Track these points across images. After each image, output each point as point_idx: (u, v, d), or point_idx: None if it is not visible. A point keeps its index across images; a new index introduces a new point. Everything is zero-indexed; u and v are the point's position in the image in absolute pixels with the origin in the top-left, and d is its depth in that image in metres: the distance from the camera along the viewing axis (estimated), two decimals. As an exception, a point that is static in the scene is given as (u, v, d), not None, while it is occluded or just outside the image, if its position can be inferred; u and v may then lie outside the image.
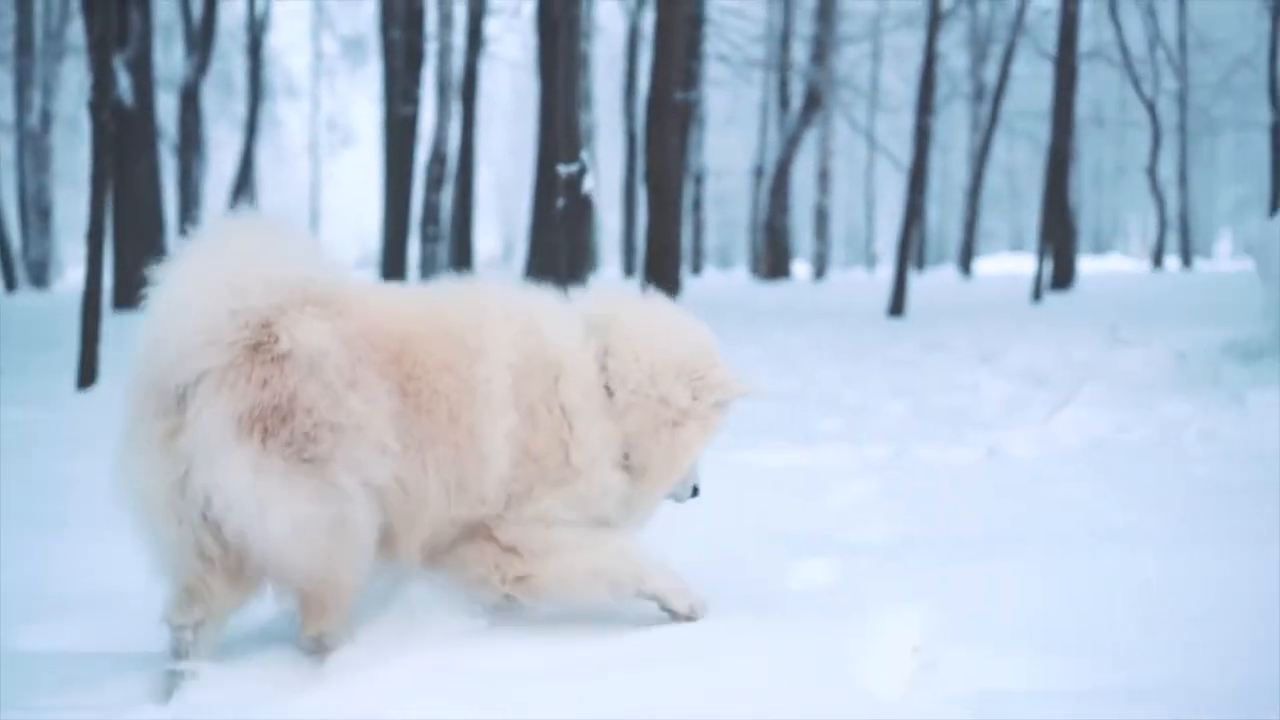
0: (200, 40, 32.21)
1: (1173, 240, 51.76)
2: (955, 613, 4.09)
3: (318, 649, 3.75)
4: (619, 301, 4.23)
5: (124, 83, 20.75)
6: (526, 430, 3.87)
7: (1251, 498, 6.51)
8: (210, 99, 39.98)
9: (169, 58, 33.10)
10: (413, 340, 3.81)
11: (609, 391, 4.01)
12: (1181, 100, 43.66)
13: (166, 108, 33.71)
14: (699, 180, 41.50)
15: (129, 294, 20.82)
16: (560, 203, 7.10)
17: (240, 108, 42.34)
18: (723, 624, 4.05)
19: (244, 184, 38.87)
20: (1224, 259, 63.22)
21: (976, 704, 3.23)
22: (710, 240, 63.38)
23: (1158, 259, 45.68)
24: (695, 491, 4.26)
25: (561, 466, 3.91)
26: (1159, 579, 4.55)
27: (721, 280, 43.70)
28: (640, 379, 4.01)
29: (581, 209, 7.08)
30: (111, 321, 13.31)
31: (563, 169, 7.11)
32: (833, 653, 3.66)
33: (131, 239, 20.77)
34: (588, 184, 7.08)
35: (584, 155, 7.14)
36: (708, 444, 4.17)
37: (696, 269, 44.13)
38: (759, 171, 41.15)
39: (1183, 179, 47.55)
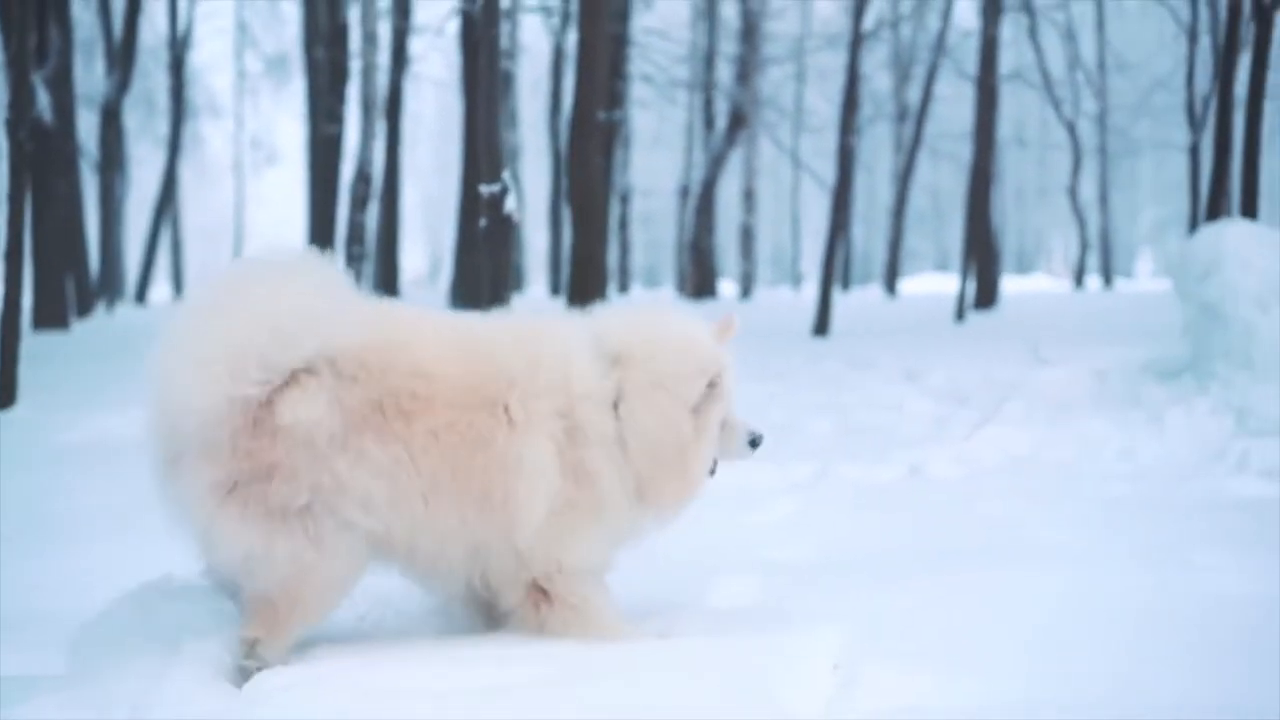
0: (121, 57, 31.88)
1: (1095, 260, 52.29)
2: (876, 630, 4.11)
3: (249, 655, 3.88)
4: (619, 327, 4.30)
5: (43, 100, 20.52)
6: (570, 489, 4.09)
7: (1169, 515, 6.59)
8: (132, 117, 39.60)
9: (89, 75, 32.71)
10: (438, 407, 4.00)
11: (624, 440, 4.15)
12: (1101, 121, 44.16)
13: (87, 126, 33.36)
14: (625, 200, 41.52)
15: (49, 313, 20.59)
16: (482, 223, 7.09)
17: (163, 126, 41.96)
18: (643, 642, 4.05)
19: (167, 203, 38.55)
20: (1145, 278, 63.93)
21: (895, 722, 3.25)
22: (637, 260, 63.42)
23: (1079, 278, 46.19)
24: (754, 443, 4.37)
25: (589, 521, 4.13)
26: (1078, 597, 4.59)
27: (648, 299, 43.71)
28: (648, 430, 4.15)
29: (504, 229, 7.07)
30: (31, 341, 13.17)
31: (484, 189, 7.09)
32: (752, 671, 3.66)
33: (52, 258, 20.52)
34: (510, 204, 7.07)
35: (506, 175, 7.13)
36: (713, 433, 4.23)
37: (624, 288, 44.12)
38: (685, 191, 41.24)
39: (1104, 199, 48.05)
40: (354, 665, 3.76)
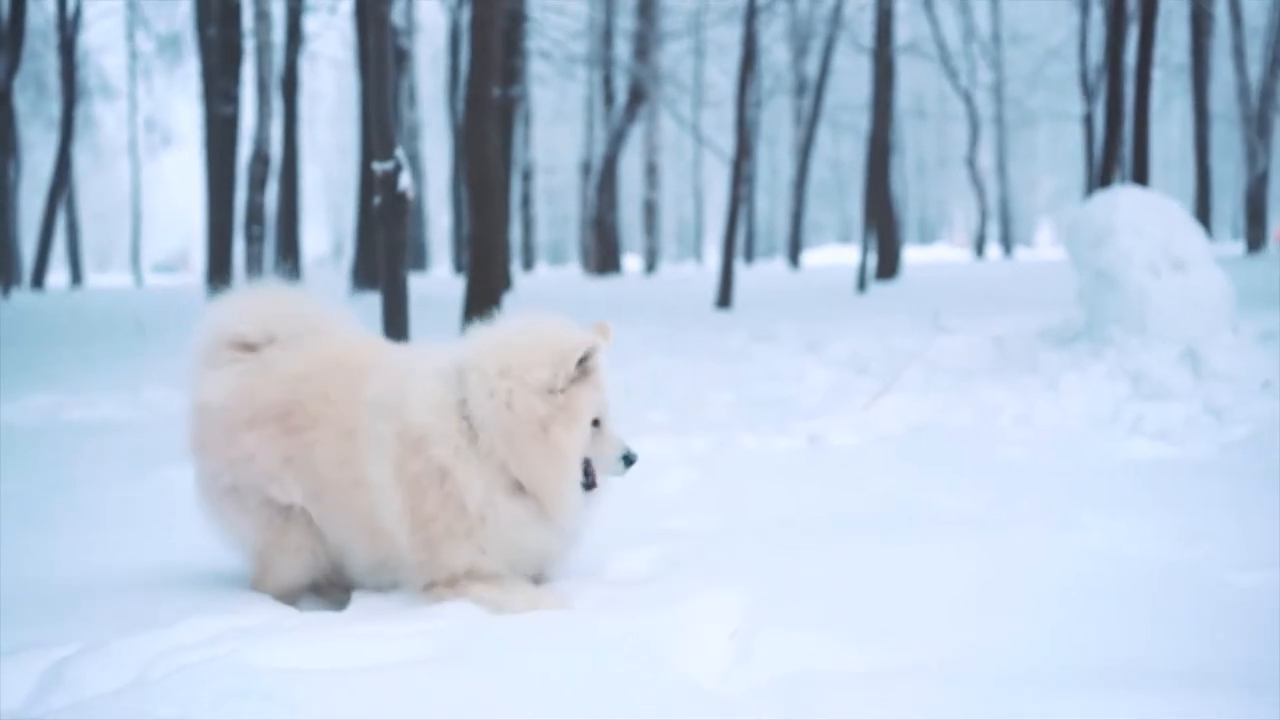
0: (9, 39, 31.25)
1: (995, 229, 52.89)
2: (774, 597, 4.14)
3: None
4: (477, 342, 4.39)
5: (-70, 84, 20.15)
6: (415, 500, 4.26)
7: (1063, 479, 6.69)
8: (22, 99, 38.92)
9: (-23, 58, 32.08)
10: (320, 426, 4.48)
11: (475, 435, 4.22)
12: (997, 92, 44.64)
13: (-24, 109, 32.74)
14: (527, 177, 41.43)
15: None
16: (377, 200, 7.04)
17: (54, 108, 41.28)
18: (539, 616, 4.05)
19: (61, 186, 37.93)
20: (1044, 247, 64.80)
21: (790, 685, 3.27)
22: (541, 236, 63.36)
23: (980, 248, 46.68)
24: (629, 460, 4.40)
25: (462, 516, 4.23)
26: (973, 561, 4.64)
27: (553, 276, 43.66)
28: (496, 411, 4.19)
29: (399, 206, 7.02)
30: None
31: (378, 166, 7.04)
32: (650, 640, 3.67)
33: (-58, 244, 20.17)
34: (404, 181, 7.02)
35: (399, 153, 7.07)
36: (583, 419, 4.24)
37: (528, 265, 44.05)
38: (587, 167, 41.19)
39: (1002, 169, 48.62)
40: (257, 647, 3.73)
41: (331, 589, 4.65)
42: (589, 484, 4.34)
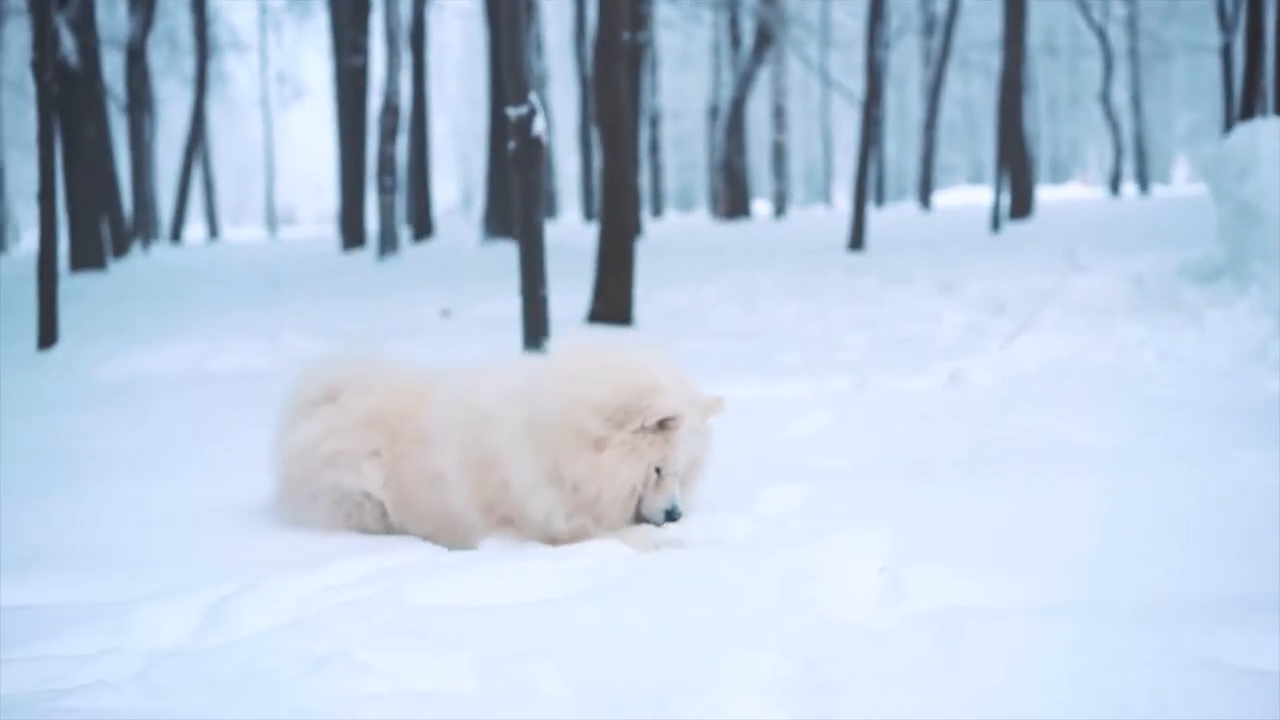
0: (142, -2, 31.81)
1: (1130, 167, 51.91)
2: (919, 534, 4.12)
3: None
4: (567, 352, 4.51)
5: (68, 43, 20.52)
6: (479, 487, 4.48)
7: (1210, 415, 6.57)
8: (156, 56, 39.55)
9: (112, 16, 32.60)
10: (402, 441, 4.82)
11: (535, 430, 4.31)
12: (1131, 25, 43.74)
13: (113, 67, 33.36)
14: (655, 123, 41.35)
15: (84, 255, 20.67)
16: (511, 146, 7.06)
17: (188, 64, 41.89)
18: (689, 552, 4.07)
19: (196, 141, 38.57)
20: (1181, 183, 63.47)
21: (941, 620, 3.25)
22: (670, 183, 63.29)
23: (1115, 186, 45.84)
24: (671, 515, 4.30)
25: (508, 500, 4.40)
26: (1120, 497, 4.59)
27: (682, 222, 43.64)
28: (555, 412, 4.26)
29: (533, 151, 7.03)
30: (69, 282, 13.26)
31: (512, 112, 7.05)
32: (800, 574, 3.67)
33: (85, 200, 20.58)
34: (538, 126, 7.03)
35: (533, 98, 7.09)
36: (642, 459, 4.23)
37: (657, 211, 44.05)
38: (714, 112, 41.05)
39: (1137, 105, 47.67)
40: (409, 585, 3.80)
41: None
42: (639, 520, 4.35)
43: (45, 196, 10.81)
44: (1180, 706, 2.72)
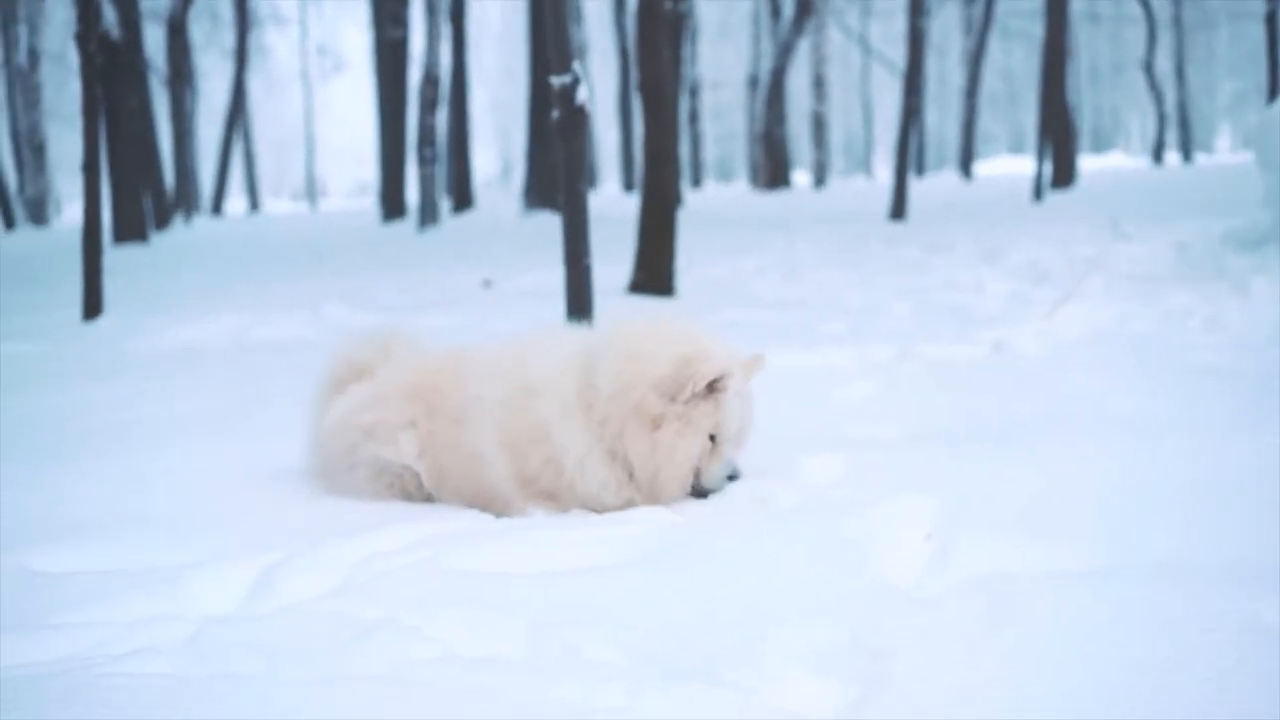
0: (184, -29, 31.88)
1: (1173, 136, 51.53)
2: (964, 501, 4.12)
3: None
4: (623, 328, 4.52)
5: (110, 16, 20.61)
6: (519, 462, 4.48)
7: (1256, 383, 6.52)
8: (197, 29, 39.69)
9: (155, -11, 32.71)
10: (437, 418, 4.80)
11: (589, 405, 4.34)
12: (1176, -8, 43.31)
13: (154, 40, 33.48)
14: (694, 93, 41.26)
15: (128, 227, 20.79)
16: (555, 114, 7.04)
17: (228, 37, 42.02)
18: (736, 519, 4.08)
19: (237, 114, 38.72)
20: (1224, 152, 62.91)
21: (988, 585, 3.25)
22: (709, 153, 63.16)
23: (1158, 155, 45.49)
24: (732, 478, 4.37)
25: (559, 473, 4.39)
26: (1163, 465, 4.57)
27: (722, 192, 43.54)
28: (614, 390, 4.28)
29: (577, 120, 7.01)
30: (112, 254, 13.32)
31: (555, 80, 7.03)
32: (846, 541, 3.68)
33: (127, 172, 20.70)
34: (581, 94, 7.01)
35: (576, 66, 7.07)
36: (698, 431, 4.27)
37: (696, 182, 43.99)
38: (754, 81, 40.90)
39: (1180, 74, 47.28)
40: (456, 552, 3.81)
41: None
42: (696, 492, 4.38)
43: (90, 169, 10.87)
44: (1235, 671, 2.72)
